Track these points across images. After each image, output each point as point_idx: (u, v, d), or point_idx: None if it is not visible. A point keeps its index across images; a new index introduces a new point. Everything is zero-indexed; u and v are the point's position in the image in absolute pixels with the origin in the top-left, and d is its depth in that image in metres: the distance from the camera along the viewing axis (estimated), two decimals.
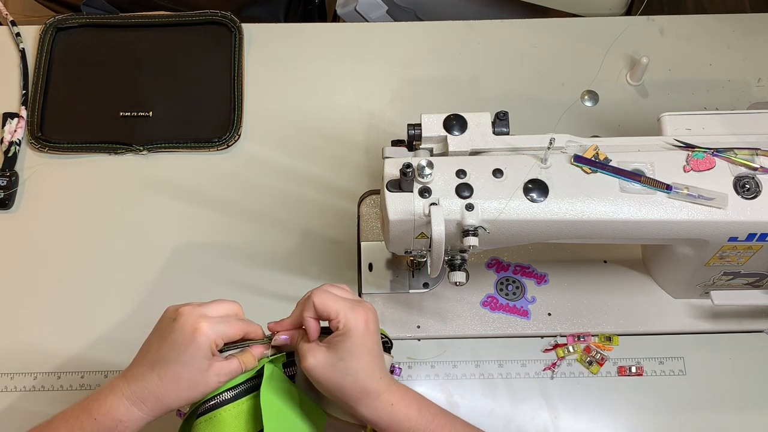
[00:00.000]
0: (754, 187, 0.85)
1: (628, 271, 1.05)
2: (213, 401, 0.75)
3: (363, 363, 0.74)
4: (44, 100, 1.16)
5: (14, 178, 1.10)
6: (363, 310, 0.75)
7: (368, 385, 0.75)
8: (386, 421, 0.75)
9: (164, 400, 0.73)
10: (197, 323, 0.72)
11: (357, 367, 0.74)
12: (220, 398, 0.75)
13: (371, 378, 0.75)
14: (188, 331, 0.72)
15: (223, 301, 0.78)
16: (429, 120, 0.88)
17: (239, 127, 1.14)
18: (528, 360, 1.00)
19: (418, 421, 0.76)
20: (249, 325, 0.78)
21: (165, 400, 0.73)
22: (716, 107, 1.15)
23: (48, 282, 1.05)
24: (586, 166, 0.85)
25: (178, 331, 0.73)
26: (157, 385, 0.73)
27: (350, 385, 0.74)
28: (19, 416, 0.97)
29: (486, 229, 0.84)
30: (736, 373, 1.00)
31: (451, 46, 1.21)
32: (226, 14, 1.21)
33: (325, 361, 0.74)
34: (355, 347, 0.73)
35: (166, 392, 0.73)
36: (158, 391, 0.73)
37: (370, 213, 1.09)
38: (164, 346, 0.73)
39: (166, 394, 0.73)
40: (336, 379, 0.74)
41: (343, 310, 0.74)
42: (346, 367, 0.73)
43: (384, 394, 0.75)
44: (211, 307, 0.76)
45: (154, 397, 0.73)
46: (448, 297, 1.03)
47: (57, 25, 1.20)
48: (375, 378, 0.75)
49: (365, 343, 0.74)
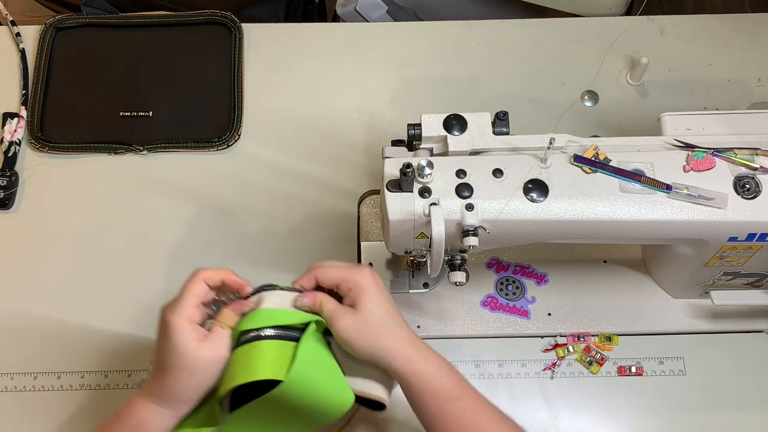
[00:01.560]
0: (754, 187, 0.85)
1: (628, 271, 1.05)
2: (255, 333, 0.75)
3: (389, 314, 0.75)
4: (44, 100, 1.16)
5: (14, 178, 1.10)
6: (365, 268, 0.77)
7: (399, 333, 0.75)
8: (421, 372, 0.75)
9: (175, 393, 0.75)
10: (165, 314, 0.75)
11: (386, 320, 0.75)
12: (263, 333, 0.75)
13: (399, 325, 0.76)
14: (161, 325, 0.75)
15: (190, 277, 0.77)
16: (429, 120, 0.88)
17: (239, 127, 1.14)
18: (528, 360, 1.00)
19: (445, 380, 0.76)
20: (207, 272, 0.76)
21: (176, 393, 0.75)
22: (716, 107, 1.15)
23: (48, 282, 1.05)
24: (586, 166, 0.85)
25: (159, 330, 0.75)
26: (164, 383, 0.75)
27: (384, 339, 0.75)
28: (19, 416, 0.97)
29: (486, 229, 0.84)
30: (736, 373, 1.00)
31: (451, 46, 1.21)
32: (226, 14, 1.21)
33: (355, 320, 0.74)
34: (375, 302, 0.75)
35: (173, 385, 0.74)
36: (168, 387, 0.75)
37: (370, 213, 1.09)
38: (157, 346, 0.76)
39: (174, 387, 0.74)
40: (370, 335, 0.74)
41: (347, 273, 0.76)
42: (375, 321, 0.74)
43: (415, 344, 0.76)
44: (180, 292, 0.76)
45: (168, 394, 0.75)
46: (448, 297, 1.03)
47: (57, 25, 1.20)
48: (403, 326, 0.76)
49: (382, 294, 0.76)
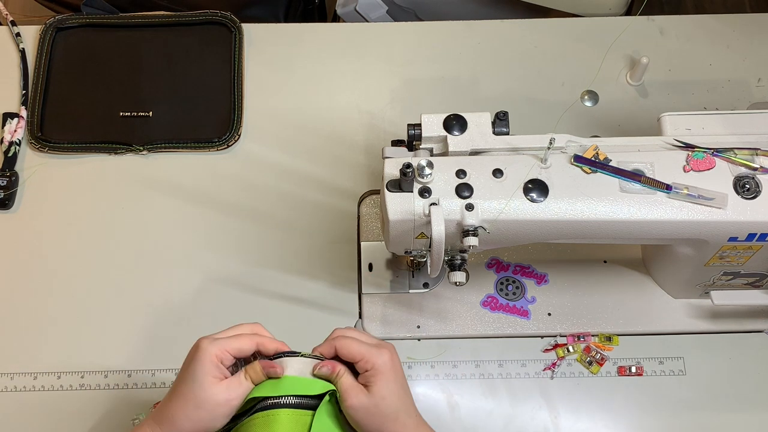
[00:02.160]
0: (754, 187, 0.85)
1: (628, 271, 1.05)
2: (274, 400, 0.74)
3: (401, 402, 0.75)
4: (44, 100, 1.16)
5: (14, 178, 1.10)
6: (386, 349, 0.76)
7: (407, 422, 0.75)
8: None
9: (174, 420, 0.73)
10: (201, 340, 0.74)
11: (396, 408, 0.74)
12: (282, 401, 0.74)
13: (408, 415, 0.75)
14: (192, 351, 0.74)
15: (242, 324, 0.78)
16: (429, 120, 0.88)
17: (239, 127, 1.14)
18: (528, 360, 1.00)
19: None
20: (261, 337, 0.77)
21: (175, 420, 0.73)
22: (716, 107, 1.15)
23: (48, 282, 1.05)
24: (586, 166, 0.85)
25: (190, 352, 0.75)
26: (169, 406, 0.74)
27: (391, 427, 0.74)
28: (19, 416, 0.97)
29: (486, 229, 0.84)
30: (736, 373, 1.00)
31: (451, 46, 1.21)
32: (226, 14, 1.21)
33: (367, 402, 0.74)
34: (389, 389, 0.74)
35: (176, 412, 0.73)
36: (170, 412, 0.73)
37: (370, 213, 1.09)
38: (180, 372, 0.75)
39: (175, 414, 0.73)
40: (378, 420, 0.74)
41: (368, 352, 0.75)
42: (386, 408, 0.74)
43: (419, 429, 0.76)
44: (224, 331, 0.77)
45: (168, 418, 0.73)
46: (448, 297, 1.03)
47: (57, 25, 1.20)
48: (411, 414, 0.76)
49: (396, 380, 0.75)
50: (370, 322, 1.02)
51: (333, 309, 1.03)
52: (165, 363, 1.00)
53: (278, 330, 1.02)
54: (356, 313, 1.03)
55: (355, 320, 1.03)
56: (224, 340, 0.74)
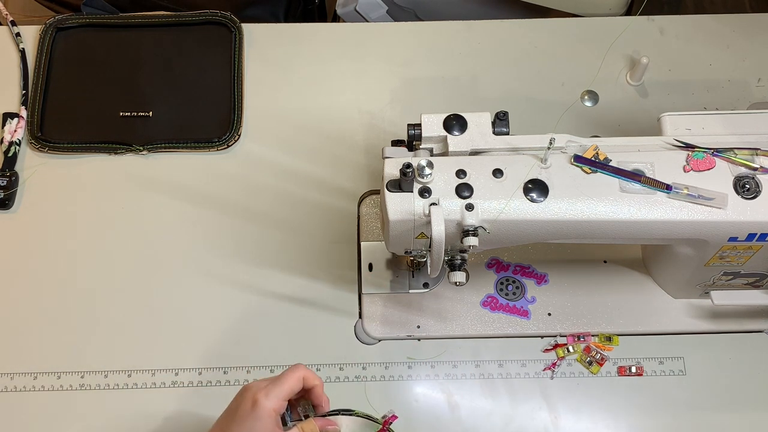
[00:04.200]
0: (754, 187, 0.85)
1: (628, 271, 1.05)
2: None
3: None
4: (44, 100, 1.16)
5: (14, 178, 1.10)
6: None
7: None
8: None
9: None
10: (256, 395, 0.75)
11: None
12: None
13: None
14: (246, 404, 0.75)
15: (291, 370, 0.79)
16: (429, 120, 0.88)
17: (239, 127, 1.14)
18: (528, 360, 1.00)
19: None
20: (305, 371, 0.79)
21: None
22: (716, 107, 1.15)
23: (48, 282, 1.05)
24: (586, 166, 0.85)
25: (242, 404, 0.76)
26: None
27: None
28: (19, 416, 0.97)
29: (486, 229, 0.84)
30: (736, 373, 1.00)
31: (451, 46, 1.21)
32: (226, 14, 1.21)
33: None
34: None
35: None
36: None
37: (370, 213, 1.09)
38: (230, 420, 0.76)
39: None
40: None
41: None
42: None
43: None
44: (277, 380, 0.78)
45: None
46: (448, 297, 1.03)
47: (57, 25, 1.20)
48: None
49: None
50: (370, 322, 1.02)
51: (333, 309, 1.03)
52: (165, 363, 1.00)
53: (278, 330, 1.03)
54: (356, 313, 1.03)
55: (355, 320, 1.03)
56: (276, 388, 0.76)
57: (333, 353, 1.01)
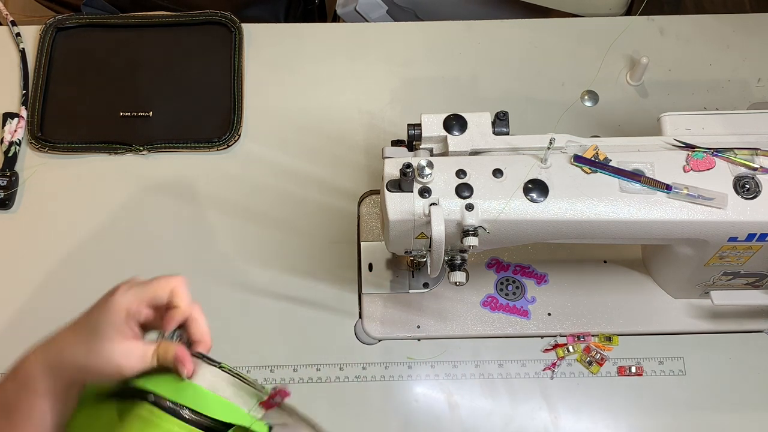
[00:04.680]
0: (754, 187, 0.85)
1: (628, 271, 1.05)
2: (173, 405, 0.66)
3: None
4: (44, 100, 1.16)
5: (14, 178, 1.10)
6: None
7: None
8: None
9: (63, 352, 0.69)
10: (117, 288, 0.70)
11: None
12: (180, 411, 0.66)
13: None
14: (108, 294, 0.70)
15: (165, 277, 0.73)
16: (429, 120, 0.88)
17: (239, 127, 1.14)
18: (528, 360, 1.00)
19: None
20: (178, 287, 0.71)
21: (64, 352, 0.69)
22: (716, 107, 1.15)
23: (48, 282, 1.05)
24: (586, 166, 0.85)
25: (104, 296, 0.71)
26: (63, 335, 0.70)
27: None
28: None
29: (486, 229, 0.84)
30: (736, 373, 1.00)
31: (451, 46, 1.21)
32: (226, 14, 1.21)
33: None
34: None
35: (66, 342, 0.69)
36: (61, 341, 0.70)
37: (370, 213, 1.09)
38: (89, 310, 0.71)
39: (65, 345, 0.69)
40: None
41: None
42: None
43: None
44: (145, 282, 0.72)
45: (56, 347, 0.70)
46: (448, 297, 1.03)
47: (57, 25, 1.20)
48: None
49: None
50: (370, 322, 1.02)
51: (333, 309, 1.03)
52: None
53: (278, 330, 1.03)
54: (356, 312, 1.03)
55: (355, 320, 1.03)
56: (139, 288, 0.69)
57: (333, 353, 1.01)
